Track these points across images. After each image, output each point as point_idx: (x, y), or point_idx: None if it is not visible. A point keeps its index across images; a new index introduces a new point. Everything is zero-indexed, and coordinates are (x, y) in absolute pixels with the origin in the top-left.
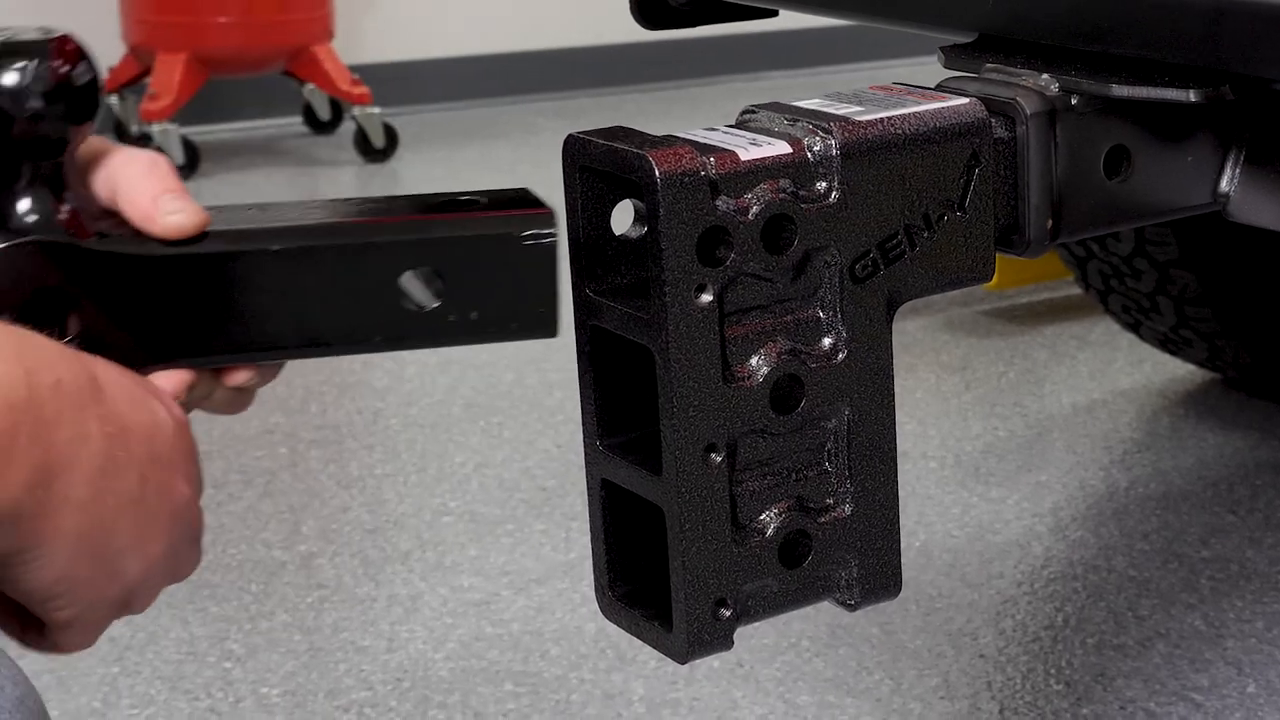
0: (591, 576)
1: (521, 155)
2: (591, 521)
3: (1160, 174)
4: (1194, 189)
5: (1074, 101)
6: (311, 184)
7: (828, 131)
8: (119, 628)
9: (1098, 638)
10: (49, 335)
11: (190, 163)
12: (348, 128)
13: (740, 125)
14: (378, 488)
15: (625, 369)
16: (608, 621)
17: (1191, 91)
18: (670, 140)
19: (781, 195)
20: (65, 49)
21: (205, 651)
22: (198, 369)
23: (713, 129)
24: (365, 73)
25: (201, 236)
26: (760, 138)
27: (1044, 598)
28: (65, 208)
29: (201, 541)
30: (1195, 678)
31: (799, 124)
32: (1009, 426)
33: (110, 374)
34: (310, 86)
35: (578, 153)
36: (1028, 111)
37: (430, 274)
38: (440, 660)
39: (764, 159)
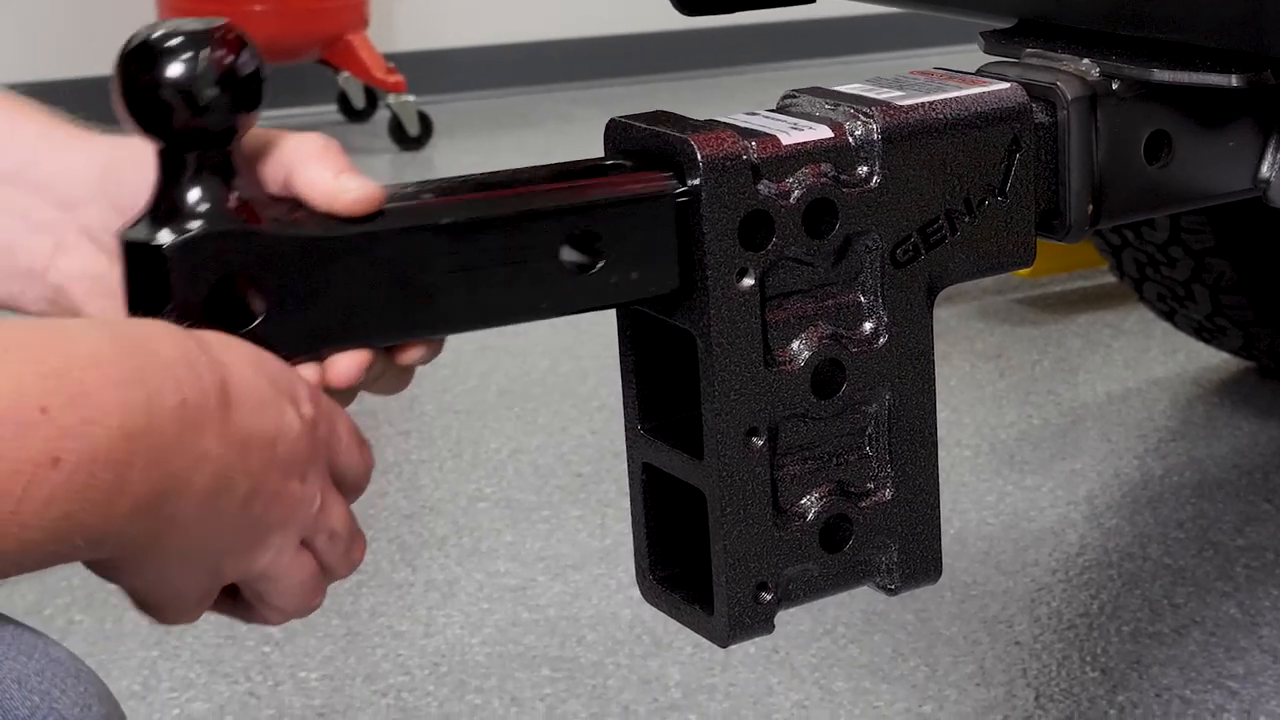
0: (626, 563)
1: (556, 143)
2: (633, 505)
3: (1201, 159)
4: (1234, 174)
5: (1115, 86)
6: None
7: (869, 116)
8: None
9: (1133, 625)
10: (225, 328)
11: None
12: (382, 116)
13: (781, 110)
14: (414, 473)
15: (666, 352)
16: (644, 607)
17: (1233, 76)
18: (712, 124)
19: (823, 179)
20: (227, 38)
21: (244, 635)
22: (375, 349)
23: (754, 113)
24: (400, 61)
25: (376, 215)
26: (802, 122)
27: (1079, 585)
28: (234, 195)
29: (346, 532)
30: (1231, 665)
31: (840, 108)
32: (1043, 414)
33: (244, 376)
34: (345, 74)
35: (620, 137)
36: (1069, 96)
37: (592, 236)
38: (477, 645)
39: (805, 143)
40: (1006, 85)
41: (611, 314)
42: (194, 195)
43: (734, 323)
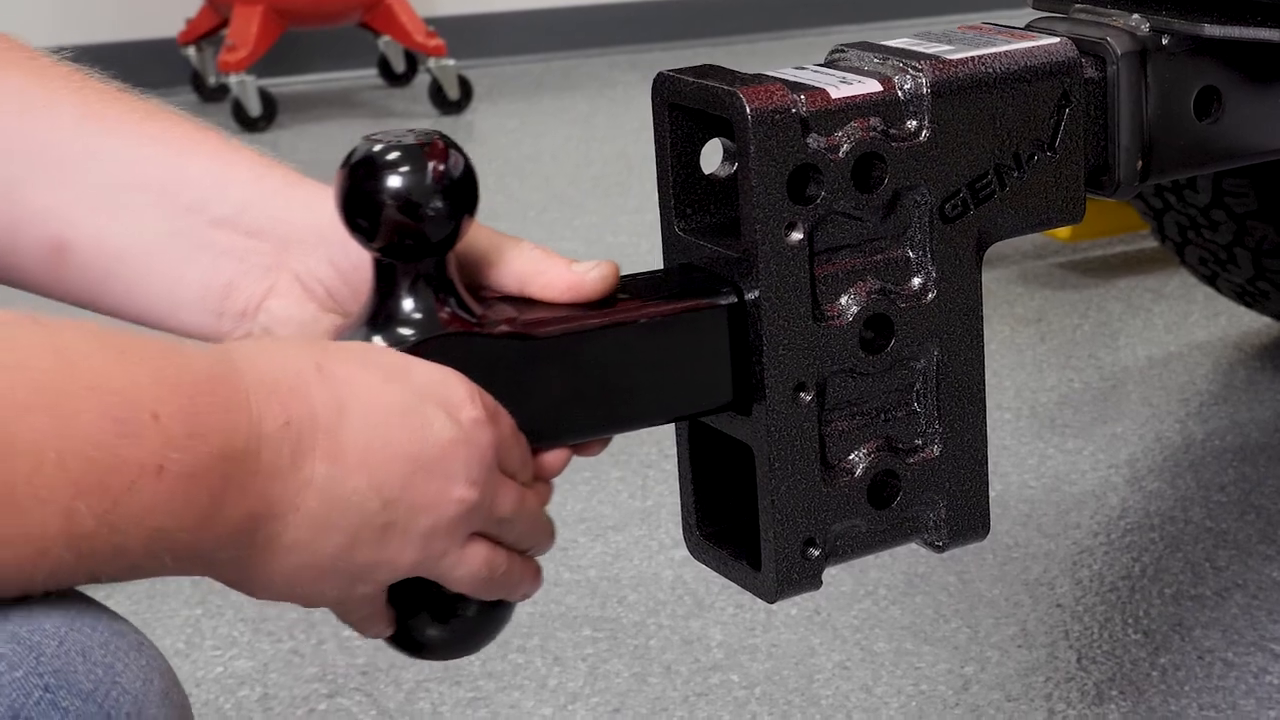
0: (667, 524)
1: (597, 107)
2: (679, 462)
3: (1251, 115)
4: None
5: (1165, 41)
6: None
7: (918, 70)
8: None
9: (1175, 588)
10: None
11: (267, 114)
12: (422, 80)
13: (830, 64)
14: None
15: None
16: (685, 568)
17: None
18: (761, 78)
19: (872, 133)
20: (437, 149)
21: None
22: (571, 447)
23: (802, 68)
24: (440, 25)
25: (580, 314)
26: (851, 76)
27: (1121, 548)
28: (448, 302)
29: (517, 513)
30: (1273, 628)
31: (889, 62)
32: (1084, 378)
33: (371, 390)
34: (386, 38)
35: (668, 90)
36: (1118, 51)
37: None
38: (519, 605)
39: (854, 97)
40: (1056, 40)
41: (655, 251)
42: (410, 304)
43: (782, 277)
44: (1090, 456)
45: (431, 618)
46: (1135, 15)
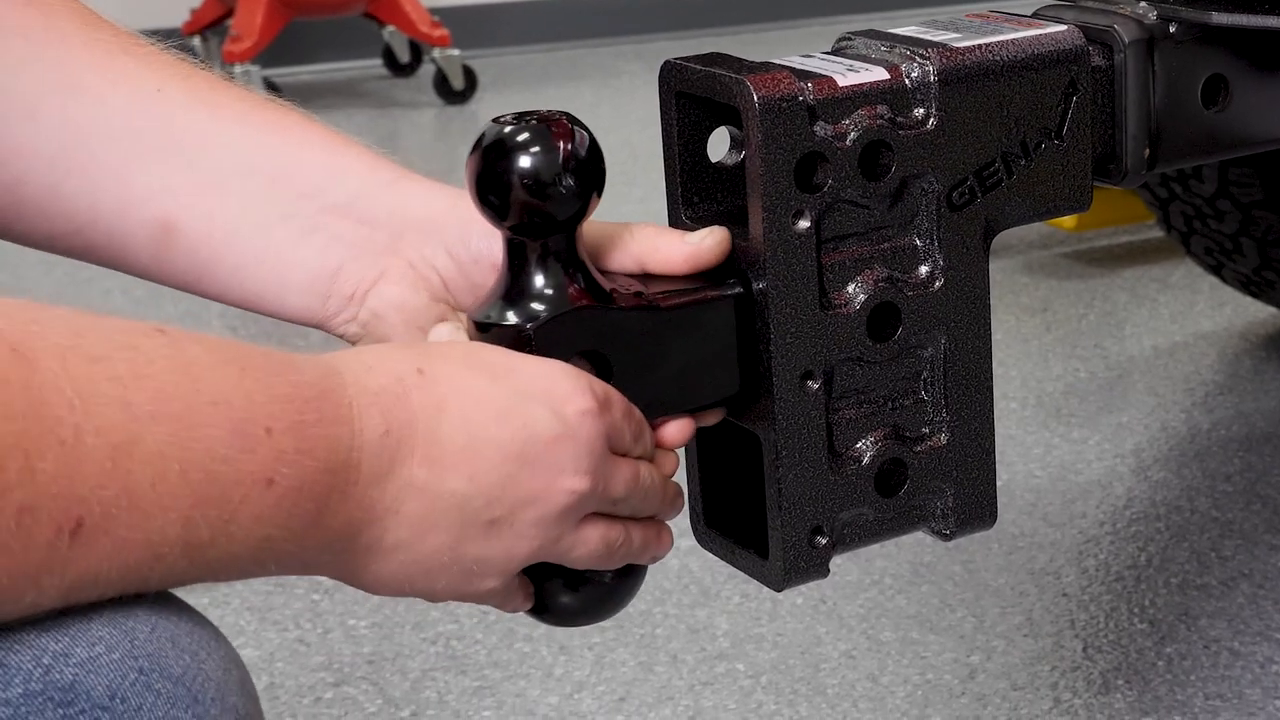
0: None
1: (602, 98)
2: (686, 450)
3: (1259, 104)
4: None
5: (1172, 29)
6: (391, 126)
7: (925, 58)
8: None
9: (1181, 578)
10: None
11: None
12: (427, 70)
13: (837, 52)
14: None
15: None
16: (692, 557)
17: None
18: (768, 66)
19: (879, 121)
20: (563, 128)
21: (293, 584)
22: (692, 415)
23: (809, 56)
24: (445, 15)
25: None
26: (858, 64)
27: (1127, 538)
28: (578, 277)
29: (631, 491)
30: (1279, 618)
31: (896, 50)
32: (1090, 368)
33: (472, 391)
34: (390, 29)
35: (675, 79)
36: (1125, 39)
37: None
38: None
39: (862, 85)
40: (1063, 28)
41: None
42: (541, 280)
43: (789, 265)
44: (1096, 446)
45: (565, 586)
46: (1143, 3)
